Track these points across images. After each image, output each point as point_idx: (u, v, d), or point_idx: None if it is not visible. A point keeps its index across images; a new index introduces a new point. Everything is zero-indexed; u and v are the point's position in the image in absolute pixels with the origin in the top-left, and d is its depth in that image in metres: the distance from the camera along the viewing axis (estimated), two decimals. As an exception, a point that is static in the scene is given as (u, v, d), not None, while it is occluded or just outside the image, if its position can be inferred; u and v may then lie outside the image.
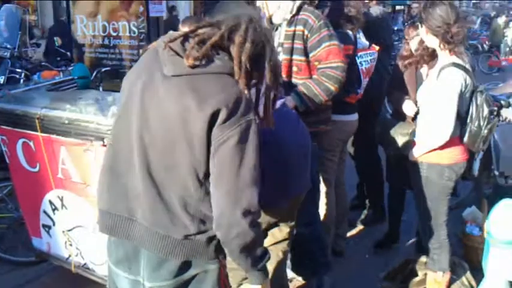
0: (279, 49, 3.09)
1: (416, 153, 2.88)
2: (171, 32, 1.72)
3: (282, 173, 2.36)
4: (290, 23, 3.05)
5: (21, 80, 6.04)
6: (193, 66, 1.55)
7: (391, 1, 18.71)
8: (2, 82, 6.37)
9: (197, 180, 1.59)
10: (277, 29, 3.11)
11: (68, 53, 7.06)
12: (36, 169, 2.95)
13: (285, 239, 2.67)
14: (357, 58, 3.50)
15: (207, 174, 1.59)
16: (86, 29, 6.25)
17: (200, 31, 1.63)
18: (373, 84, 3.70)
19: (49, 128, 2.73)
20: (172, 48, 1.59)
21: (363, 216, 4.31)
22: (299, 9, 3.03)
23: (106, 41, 6.13)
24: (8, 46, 6.90)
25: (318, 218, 3.24)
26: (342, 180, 3.72)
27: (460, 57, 2.72)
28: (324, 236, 3.22)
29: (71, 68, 6.04)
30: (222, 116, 1.51)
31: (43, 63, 6.64)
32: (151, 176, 1.61)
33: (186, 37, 1.62)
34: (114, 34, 6.05)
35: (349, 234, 4.06)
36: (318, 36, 2.98)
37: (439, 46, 2.75)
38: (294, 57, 3.07)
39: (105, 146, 2.49)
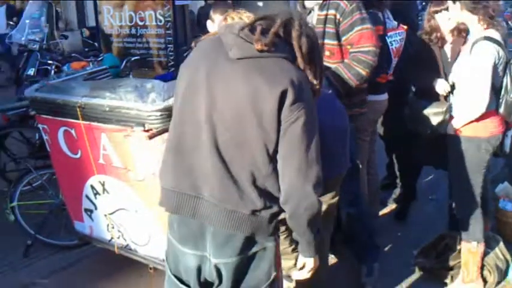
0: None
1: (454, 127, 2.92)
2: (232, 22, 1.87)
3: (327, 152, 2.43)
4: (322, 7, 3.07)
5: (52, 71, 6.17)
6: (261, 51, 1.66)
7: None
8: (32, 74, 6.54)
9: (267, 156, 1.69)
10: (310, 13, 3.14)
11: (96, 44, 7.18)
12: (78, 156, 3.06)
13: (328, 216, 2.76)
14: (386, 38, 3.51)
15: (275, 151, 1.69)
16: (112, 19, 6.35)
17: (259, 22, 1.73)
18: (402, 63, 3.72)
19: (90, 116, 2.82)
20: (241, 35, 1.69)
21: (394, 196, 4.35)
22: None
23: (133, 31, 6.22)
24: (37, 39, 7.07)
25: (362, 199, 3.30)
26: (374, 160, 3.76)
27: (496, 31, 2.75)
28: (369, 218, 3.30)
29: (100, 59, 6.17)
30: (290, 96, 1.62)
31: (73, 55, 6.78)
32: (220, 153, 1.70)
33: (251, 26, 1.72)
34: (141, 23, 6.14)
35: (381, 213, 4.12)
36: (350, 20, 3.00)
37: (478, 22, 2.76)
38: (326, 41, 3.09)
39: (146, 131, 2.58)
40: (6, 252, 3.85)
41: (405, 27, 3.67)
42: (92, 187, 3.11)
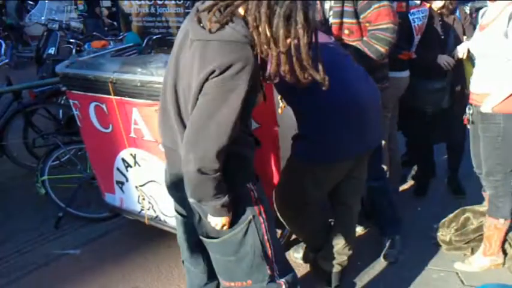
0: (330, 13, 3.17)
1: (491, 104, 2.87)
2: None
3: (362, 125, 2.54)
4: None
5: (74, 50, 6.26)
6: (211, 32, 1.74)
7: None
8: (53, 53, 6.64)
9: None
10: None
11: (115, 23, 7.25)
12: (109, 130, 3.15)
13: (359, 191, 2.90)
14: (409, 15, 3.54)
15: None
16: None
17: (220, 4, 1.78)
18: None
19: (122, 91, 2.90)
20: (198, 17, 1.80)
21: (413, 172, 4.41)
22: None
23: (152, 10, 6.28)
24: (56, 19, 7.15)
25: (385, 174, 3.40)
26: (395, 135, 3.82)
27: None
28: (391, 193, 3.39)
29: (120, 37, 6.25)
30: (213, 75, 1.70)
31: (94, 34, 6.86)
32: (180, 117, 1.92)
33: (212, 6, 1.79)
34: (160, 2, 6.19)
35: (401, 188, 4.20)
36: None
37: None
38: (345, 19, 3.10)
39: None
40: (38, 224, 4.00)
41: (428, 4, 3.69)
42: (124, 160, 3.21)
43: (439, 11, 3.71)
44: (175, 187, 2.10)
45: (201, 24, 1.78)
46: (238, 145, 1.89)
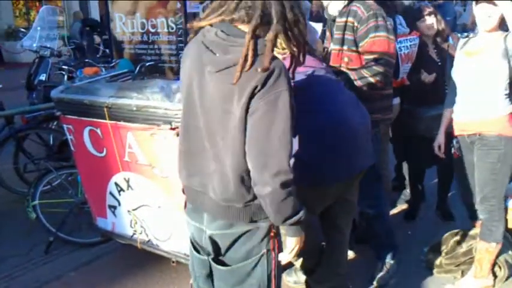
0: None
1: (493, 128, 2.92)
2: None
3: (351, 149, 2.59)
4: (341, 14, 3.14)
5: (65, 77, 6.31)
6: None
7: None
8: (44, 79, 6.67)
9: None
10: (334, 20, 3.23)
11: (107, 50, 7.31)
12: (103, 154, 3.18)
13: (350, 213, 2.92)
14: (396, 43, 3.63)
15: None
16: (125, 26, 6.48)
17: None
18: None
19: (117, 116, 2.95)
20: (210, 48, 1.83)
21: (403, 196, 4.47)
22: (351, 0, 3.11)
23: (145, 38, 6.35)
24: (48, 45, 7.20)
25: (384, 201, 3.41)
26: (386, 161, 3.88)
27: None
28: (388, 220, 3.40)
29: (112, 64, 6.31)
30: (256, 90, 1.71)
31: (86, 60, 6.92)
32: (218, 157, 1.87)
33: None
34: (153, 30, 6.27)
35: (391, 213, 4.24)
36: (366, 27, 3.04)
37: None
38: (345, 47, 3.14)
39: (173, 129, 2.70)
40: (28, 250, 3.97)
41: (418, 33, 3.81)
42: (116, 184, 3.23)
43: (431, 39, 3.84)
44: (196, 219, 2.08)
45: (216, 54, 1.79)
46: None
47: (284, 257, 2.03)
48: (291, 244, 1.98)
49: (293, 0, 1.80)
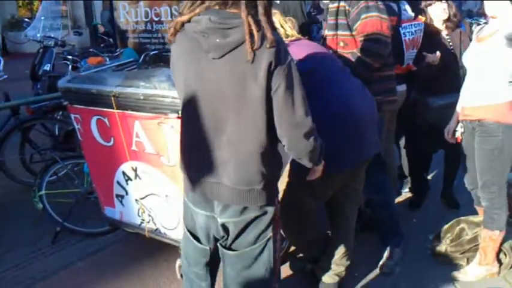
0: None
1: (492, 115, 2.93)
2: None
3: (358, 136, 2.61)
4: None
5: (70, 66, 6.31)
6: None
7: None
8: (48, 69, 6.68)
9: (267, 130, 1.92)
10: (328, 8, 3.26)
11: (111, 40, 7.31)
12: (111, 143, 3.19)
13: (356, 201, 2.95)
14: (400, 29, 3.61)
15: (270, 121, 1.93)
16: (128, 15, 6.49)
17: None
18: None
19: (124, 105, 2.94)
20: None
21: (408, 185, 4.48)
22: None
23: (149, 26, 6.36)
24: (52, 35, 7.21)
25: (388, 186, 3.42)
26: (391, 150, 3.89)
27: None
28: (394, 206, 3.42)
29: (117, 54, 6.31)
30: (271, 67, 1.80)
31: (90, 50, 6.92)
32: (233, 143, 1.94)
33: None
34: (156, 19, 6.27)
35: (396, 201, 4.24)
36: (357, 9, 3.08)
37: None
38: (340, 32, 3.19)
39: (180, 117, 2.70)
40: (35, 239, 4.00)
41: (423, 18, 3.79)
42: (124, 173, 3.24)
43: (444, 25, 3.81)
44: (205, 208, 2.14)
45: (216, 39, 1.82)
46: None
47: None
48: (317, 171, 2.30)
49: None
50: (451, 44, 3.84)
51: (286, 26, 2.86)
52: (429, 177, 4.44)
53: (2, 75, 4.81)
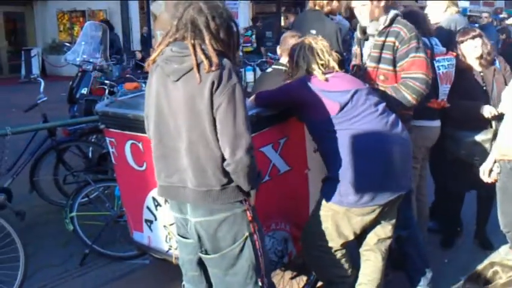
0: (367, 57, 3.28)
1: None
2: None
3: (392, 171, 2.59)
4: (381, 33, 3.20)
5: (107, 91, 6.46)
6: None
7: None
8: (85, 93, 6.86)
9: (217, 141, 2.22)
10: (367, 39, 3.29)
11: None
12: (143, 168, 3.22)
13: (388, 237, 2.87)
14: (434, 62, 3.60)
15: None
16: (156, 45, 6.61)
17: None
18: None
19: (159, 130, 2.99)
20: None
21: (439, 223, 4.38)
22: (392, 21, 3.18)
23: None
24: (91, 60, 7.40)
25: (415, 223, 3.37)
26: (424, 187, 3.83)
27: None
28: (422, 242, 3.36)
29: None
30: (214, 86, 2.14)
31: (127, 75, 7.08)
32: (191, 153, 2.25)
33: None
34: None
35: (427, 239, 4.16)
36: (407, 47, 3.11)
37: None
38: (381, 66, 3.21)
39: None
40: (63, 260, 4.05)
41: (454, 53, 3.77)
42: (154, 199, 3.26)
43: (477, 62, 3.78)
44: (180, 211, 2.42)
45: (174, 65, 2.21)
46: None
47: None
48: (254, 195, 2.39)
49: (215, 12, 2.23)
50: (484, 81, 3.80)
51: (330, 58, 2.91)
52: (462, 215, 4.33)
53: (42, 97, 4.94)
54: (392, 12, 3.20)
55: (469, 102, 3.75)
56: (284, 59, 3.65)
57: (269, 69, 3.95)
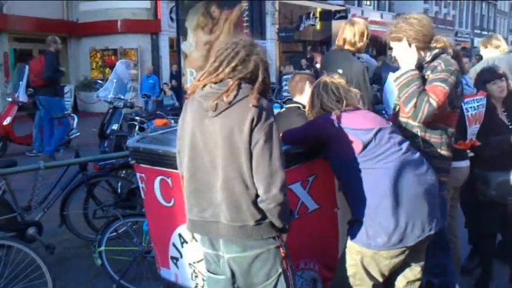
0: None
1: None
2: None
3: (415, 212, 2.57)
4: (422, 67, 3.07)
5: (137, 127, 6.58)
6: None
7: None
8: (116, 129, 7.00)
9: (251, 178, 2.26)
10: None
11: (177, 103, 7.61)
12: (171, 204, 3.24)
13: (417, 279, 2.80)
14: (463, 104, 3.53)
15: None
16: (194, 81, 6.74)
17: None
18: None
19: (188, 166, 3.01)
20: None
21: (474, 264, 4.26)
22: (435, 57, 3.07)
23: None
24: (122, 97, 7.59)
25: (451, 271, 3.24)
26: (455, 227, 3.74)
27: None
28: None
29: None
30: (253, 123, 2.20)
31: (157, 112, 7.22)
32: (226, 188, 2.27)
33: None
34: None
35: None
36: (436, 76, 2.96)
37: None
38: None
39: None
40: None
41: (485, 93, 3.73)
42: (180, 236, 3.26)
43: (503, 101, 3.76)
44: (212, 247, 2.42)
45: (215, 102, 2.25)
46: None
47: None
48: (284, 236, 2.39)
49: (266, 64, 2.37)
50: (509, 120, 3.77)
51: (348, 95, 2.92)
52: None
53: (75, 132, 5.07)
54: (437, 50, 3.09)
55: (498, 137, 3.71)
56: (297, 98, 3.70)
57: (282, 109, 3.98)
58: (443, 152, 3.11)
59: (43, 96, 8.52)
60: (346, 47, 4.07)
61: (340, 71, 4.01)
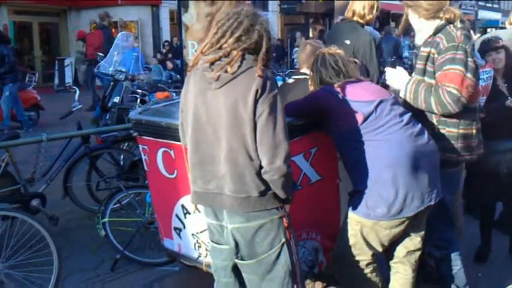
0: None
1: None
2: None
3: (416, 183, 2.58)
4: (426, 44, 3.00)
5: (138, 100, 6.56)
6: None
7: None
8: (118, 102, 6.98)
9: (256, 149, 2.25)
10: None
11: (178, 76, 7.57)
12: (174, 175, 3.26)
13: (417, 249, 2.83)
14: None
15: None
16: (196, 53, 6.68)
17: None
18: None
19: (191, 138, 3.02)
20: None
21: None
22: (437, 31, 2.96)
23: (216, 64, 6.52)
24: (123, 70, 7.54)
25: (454, 245, 3.20)
26: (459, 199, 3.75)
27: None
28: (459, 265, 3.18)
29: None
30: (258, 94, 2.18)
31: (158, 85, 7.18)
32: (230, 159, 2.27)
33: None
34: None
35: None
36: (442, 58, 2.87)
37: None
38: (426, 78, 2.98)
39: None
40: (95, 265, 4.10)
41: (493, 65, 3.72)
42: (183, 206, 3.29)
43: (503, 73, 3.75)
44: (216, 217, 2.44)
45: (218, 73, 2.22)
46: None
47: None
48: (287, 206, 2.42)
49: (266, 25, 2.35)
50: (509, 92, 3.77)
51: (349, 67, 2.92)
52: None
53: (77, 105, 5.06)
54: (439, 22, 2.97)
55: (494, 103, 3.73)
56: (304, 69, 3.69)
57: (290, 80, 3.96)
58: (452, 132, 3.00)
59: None
60: (355, 18, 4.05)
61: (347, 41, 3.99)
